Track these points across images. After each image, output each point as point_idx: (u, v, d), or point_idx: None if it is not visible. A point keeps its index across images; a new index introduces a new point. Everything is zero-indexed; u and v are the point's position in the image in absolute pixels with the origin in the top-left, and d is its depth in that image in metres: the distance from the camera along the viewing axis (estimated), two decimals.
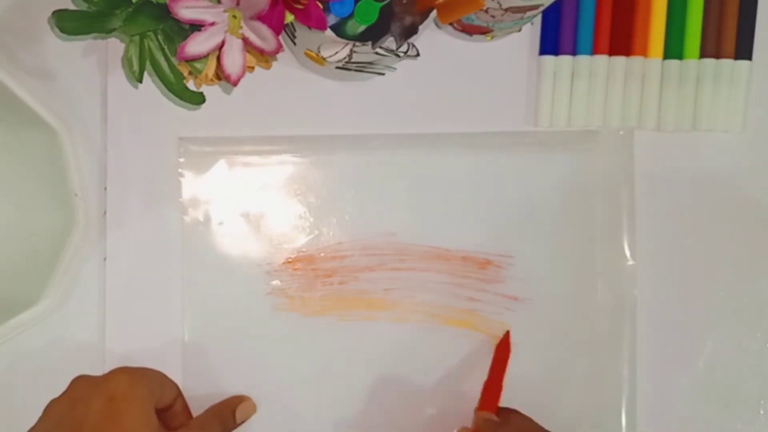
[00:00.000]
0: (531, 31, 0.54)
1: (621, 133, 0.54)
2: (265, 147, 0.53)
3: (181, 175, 0.53)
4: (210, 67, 0.46)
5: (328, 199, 0.54)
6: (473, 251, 0.54)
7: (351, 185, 0.54)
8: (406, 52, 0.46)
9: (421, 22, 0.45)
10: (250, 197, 0.54)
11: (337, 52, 0.46)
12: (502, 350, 0.53)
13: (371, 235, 0.54)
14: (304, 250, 0.54)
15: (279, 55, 0.47)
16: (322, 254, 0.54)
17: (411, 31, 0.45)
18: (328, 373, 0.53)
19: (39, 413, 0.44)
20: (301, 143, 0.54)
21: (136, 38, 0.45)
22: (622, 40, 0.54)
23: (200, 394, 0.53)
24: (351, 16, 0.44)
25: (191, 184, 0.53)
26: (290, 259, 0.54)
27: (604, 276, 0.54)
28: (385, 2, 0.43)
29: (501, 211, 0.54)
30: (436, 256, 0.54)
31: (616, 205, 0.54)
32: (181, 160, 0.53)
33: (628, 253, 0.54)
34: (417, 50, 0.46)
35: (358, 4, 0.43)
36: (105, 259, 0.53)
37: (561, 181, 0.54)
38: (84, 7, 0.45)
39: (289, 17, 0.43)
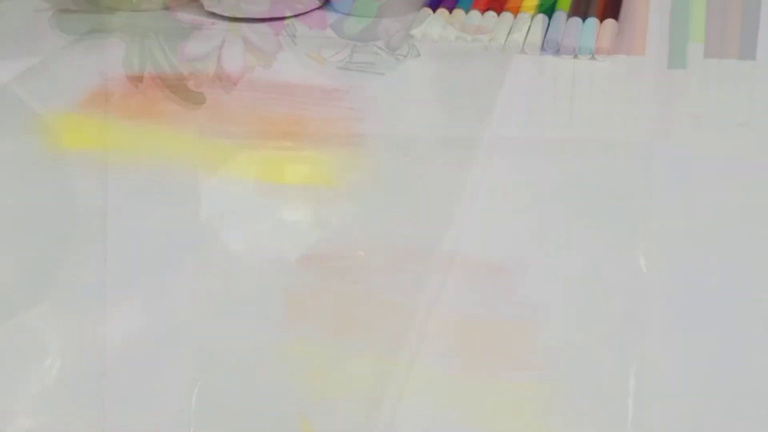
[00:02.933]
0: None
1: (640, 140, 0.54)
2: (280, 141, 0.54)
3: (197, 167, 0.53)
4: (210, 68, 0.46)
5: (345, 198, 0.54)
6: (486, 256, 0.54)
7: (368, 184, 0.54)
8: (406, 54, 0.46)
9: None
10: (264, 190, 0.54)
11: (337, 52, 0.45)
12: None
13: (386, 236, 0.54)
14: (317, 248, 0.54)
15: (279, 55, 0.47)
16: (336, 253, 0.54)
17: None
18: None
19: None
20: (318, 138, 0.53)
21: (137, 38, 0.45)
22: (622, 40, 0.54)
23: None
24: (350, 14, 0.43)
25: (206, 177, 0.53)
26: (303, 257, 0.54)
27: (616, 286, 0.54)
28: (383, 1, 0.43)
29: (514, 217, 0.54)
30: (449, 260, 0.54)
31: (632, 213, 0.54)
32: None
33: (642, 263, 0.54)
34: (417, 51, 0.46)
35: (356, 1, 0.43)
36: (105, 260, 0.53)
37: (576, 188, 0.54)
38: (84, 7, 0.45)
39: (290, 17, 0.43)
